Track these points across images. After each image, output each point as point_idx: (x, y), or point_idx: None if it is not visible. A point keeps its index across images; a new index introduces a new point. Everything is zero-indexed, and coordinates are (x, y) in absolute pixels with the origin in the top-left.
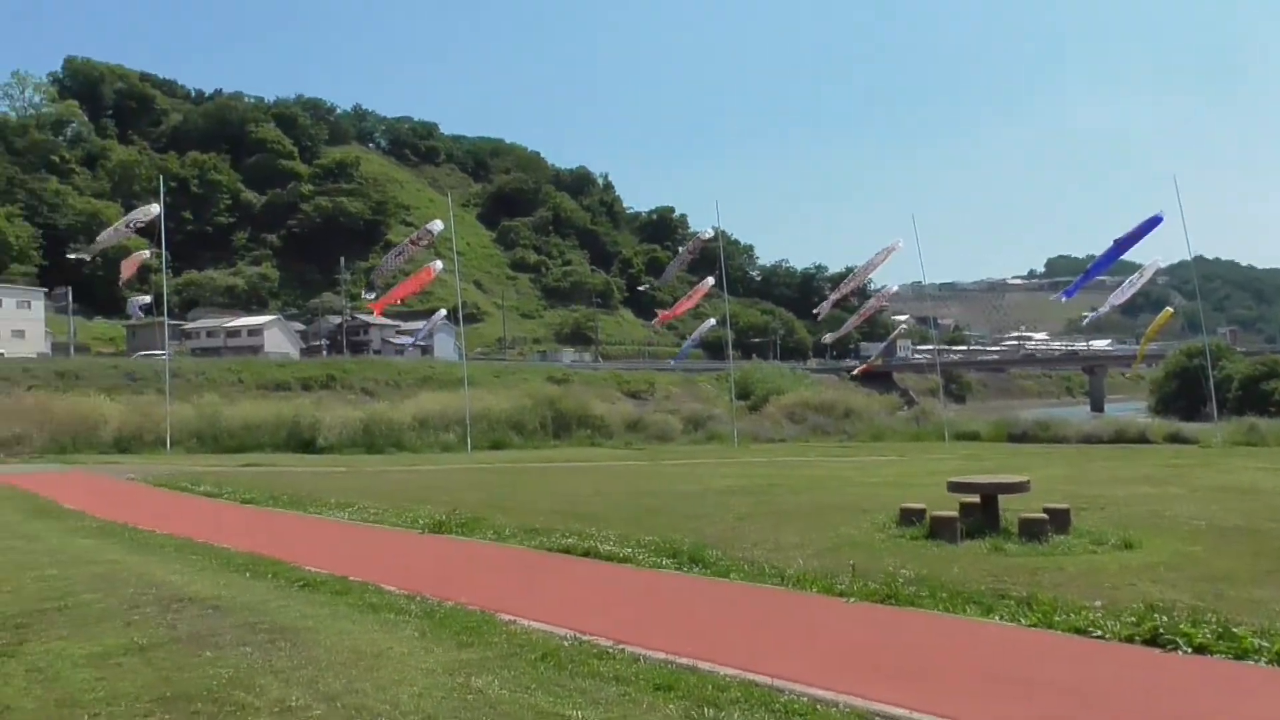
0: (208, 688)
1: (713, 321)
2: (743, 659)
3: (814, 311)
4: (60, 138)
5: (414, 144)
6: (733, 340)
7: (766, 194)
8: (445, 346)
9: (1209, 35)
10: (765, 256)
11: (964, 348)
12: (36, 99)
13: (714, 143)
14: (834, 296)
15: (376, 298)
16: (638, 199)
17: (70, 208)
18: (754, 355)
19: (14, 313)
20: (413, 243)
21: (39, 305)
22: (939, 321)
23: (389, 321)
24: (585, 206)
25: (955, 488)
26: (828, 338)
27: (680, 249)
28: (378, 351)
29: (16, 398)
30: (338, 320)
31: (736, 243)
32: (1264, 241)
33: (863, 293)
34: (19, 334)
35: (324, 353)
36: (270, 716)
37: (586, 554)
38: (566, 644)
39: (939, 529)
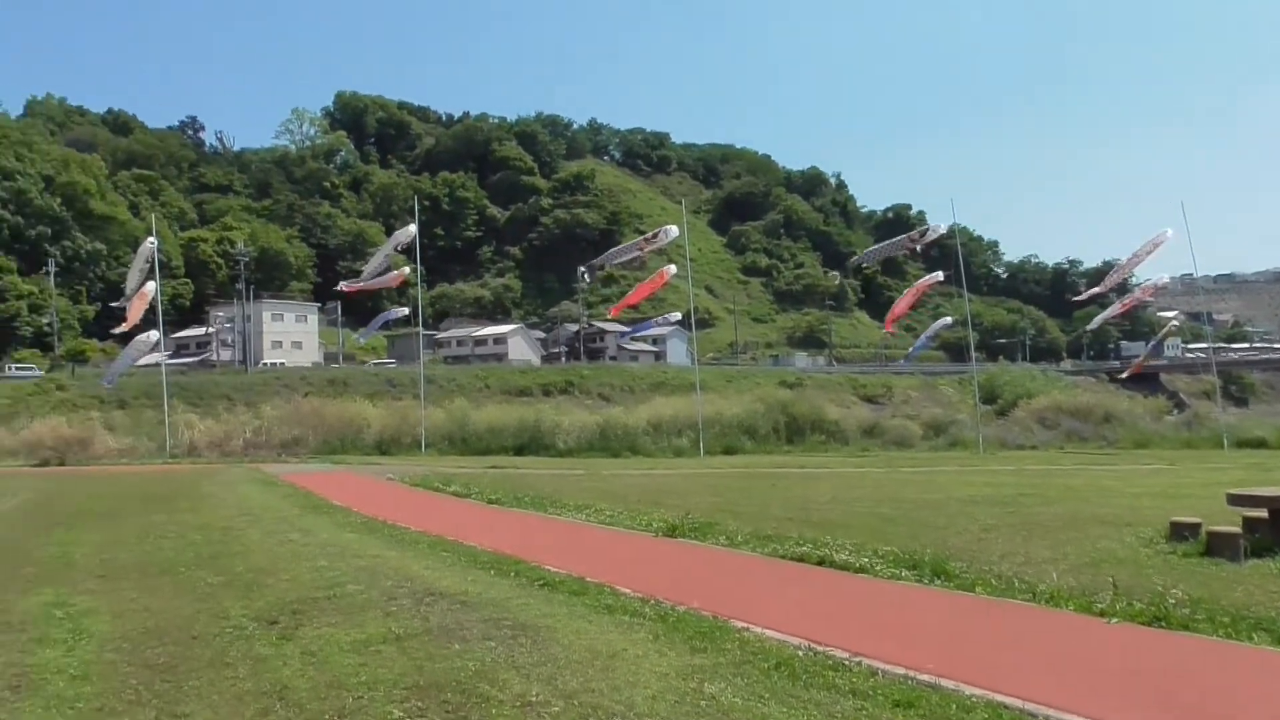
0: (456, 679)
1: (949, 320)
2: (989, 679)
3: (1075, 299)
4: (331, 165)
5: (646, 154)
6: (976, 341)
7: (1012, 186)
8: (678, 352)
9: None
10: (1011, 252)
11: (1245, 345)
12: (312, 131)
13: (953, 135)
14: (1095, 290)
15: (586, 278)
16: (872, 197)
17: (339, 229)
18: (1000, 357)
19: (293, 326)
20: (646, 241)
21: (313, 319)
22: (1214, 317)
23: (624, 328)
24: (817, 207)
25: (1238, 500)
26: (1095, 322)
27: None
28: (613, 358)
29: (295, 404)
30: (575, 328)
31: (979, 238)
32: None
33: (1123, 288)
34: (297, 345)
35: (563, 359)
36: (512, 710)
37: (821, 562)
38: (801, 654)
39: (1217, 546)
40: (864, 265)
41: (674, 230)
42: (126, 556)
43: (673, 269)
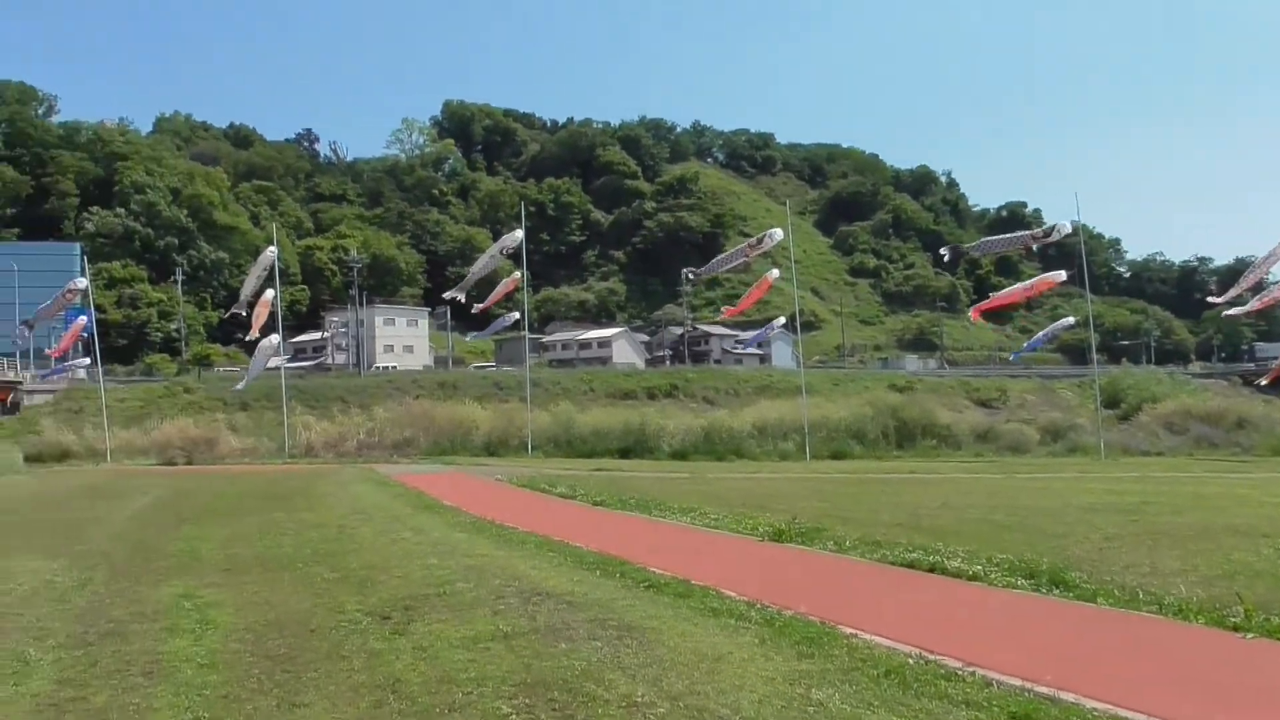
0: (563, 678)
1: (1070, 320)
2: (1112, 693)
3: (1209, 300)
4: (439, 173)
5: (750, 155)
6: (1097, 343)
7: (1136, 180)
8: (783, 355)
9: None
10: (1135, 250)
11: None
12: (421, 140)
13: (1072, 129)
14: (1234, 293)
15: (692, 283)
16: (984, 195)
17: (448, 235)
18: (1123, 359)
19: (405, 330)
20: (750, 246)
21: (424, 323)
22: None
23: (728, 331)
24: (927, 206)
25: None
26: (1229, 309)
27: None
28: (717, 361)
29: (407, 406)
30: (680, 331)
31: (1099, 236)
32: None
33: (1259, 286)
34: (408, 349)
35: (667, 362)
36: (618, 710)
37: (932, 569)
38: (911, 662)
39: None
40: (975, 254)
41: (779, 233)
42: (248, 552)
43: (776, 273)
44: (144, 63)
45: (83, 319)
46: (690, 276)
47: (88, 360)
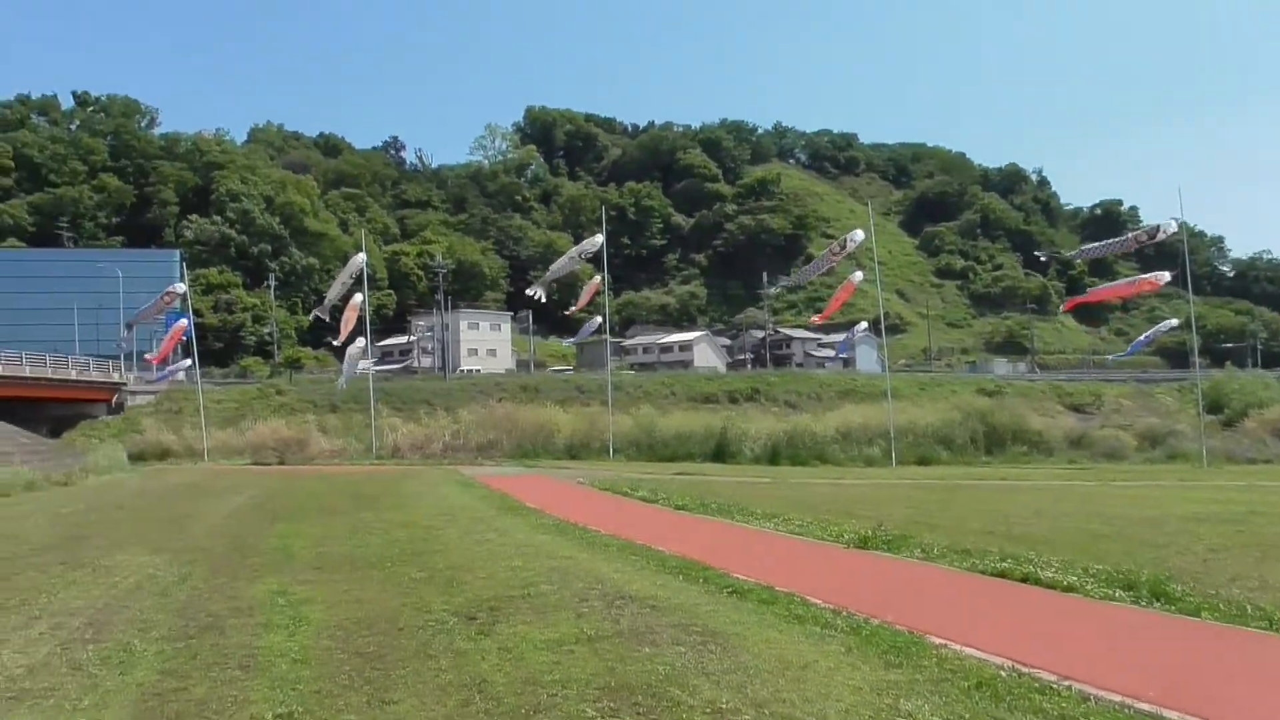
0: (647, 682)
1: (1172, 322)
2: (1219, 711)
3: None
4: (521, 179)
5: (833, 156)
6: (1198, 346)
7: (1239, 176)
8: (867, 358)
9: None
10: (1239, 249)
11: None
12: (504, 146)
13: (1171, 123)
14: None
15: (785, 297)
16: (1077, 193)
17: (530, 240)
18: (1226, 362)
19: (488, 334)
20: (832, 253)
21: (506, 327)
22: None
23: (811, 334)
24: (1017, 206)
25: None
26: None
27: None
28: (799, 364)
29: (490, 409)
30: (761, 334)
31: (1201, 234)
32: None
33: None
34: (491, 353)
35: (748, 366)
36: (703, 716)
37: (1025, 579)
38: (1004, 674)
39: None
40: (1077, 259)
41: (860, 235)
42: (338, 550)
43: (859, 275)
44: (239, 75)
45: (183, 322)
46: (775, 288)
47: (188, 362)
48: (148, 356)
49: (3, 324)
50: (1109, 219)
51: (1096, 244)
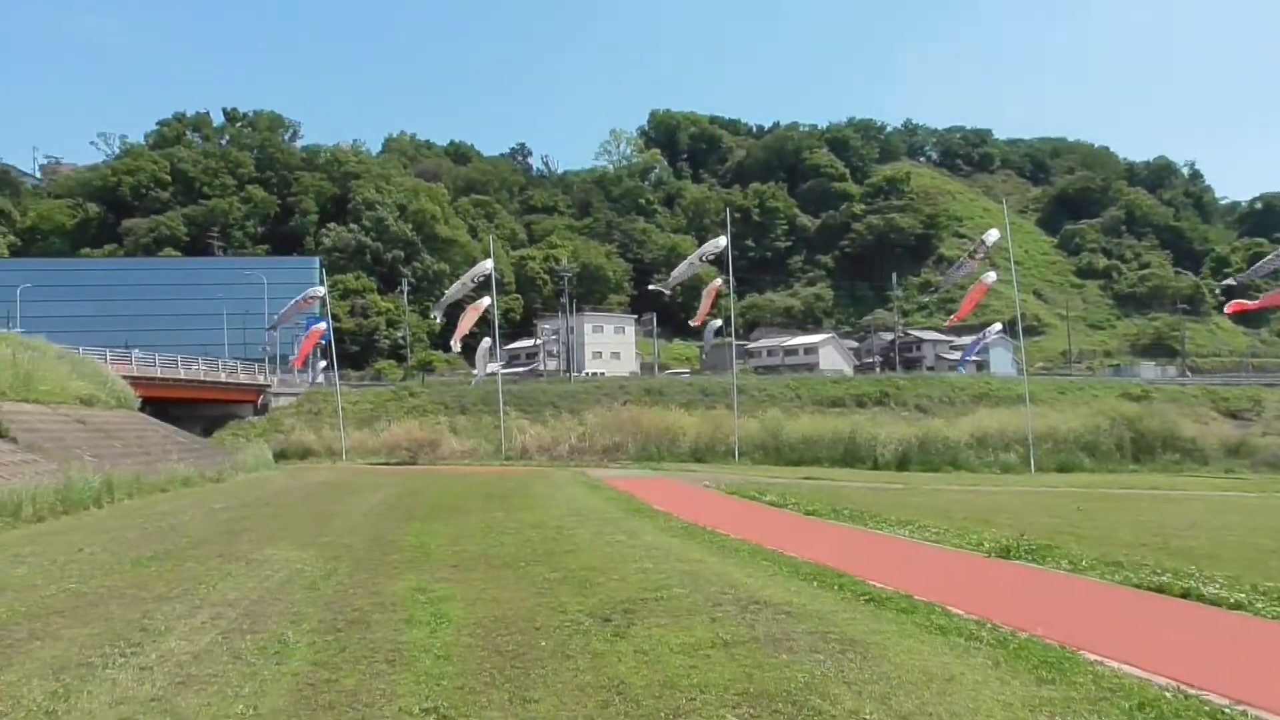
0: (785, 689)
1: None
2: None
3: None
4: (645, 182)
5: (966, 153)
6: None
7: None
8: (1001, 361)
9: None
10: None
11: None
12: (628, 151)
13: None
14: None
15: (929, 307)
16: (1234, 187)
17: (654, 243)
18: None
19: (612, 337)
20: (971, 256)
21: (630, 330)
22: None
23: (942, 337)
24: (1166, 201)
25: None
26: None
27: None
28: (930, 368)
29: (615, 411)
30: (890, 337)
31: None
32: None
33: None
34: (615, 356)
35: (876, 369)
36: None
37: (1185, 595)
38: (1169, 695)
39: None
40: (1252, 279)
41: (994, 234)
42: (473, 549)
43: (993, 276)
44: (375, 88)
45: (321, 325)
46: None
47: (324, 364)
48: (290, 360)
49: (162, 329)
50: (1270, 213)
51: (1268, 259)
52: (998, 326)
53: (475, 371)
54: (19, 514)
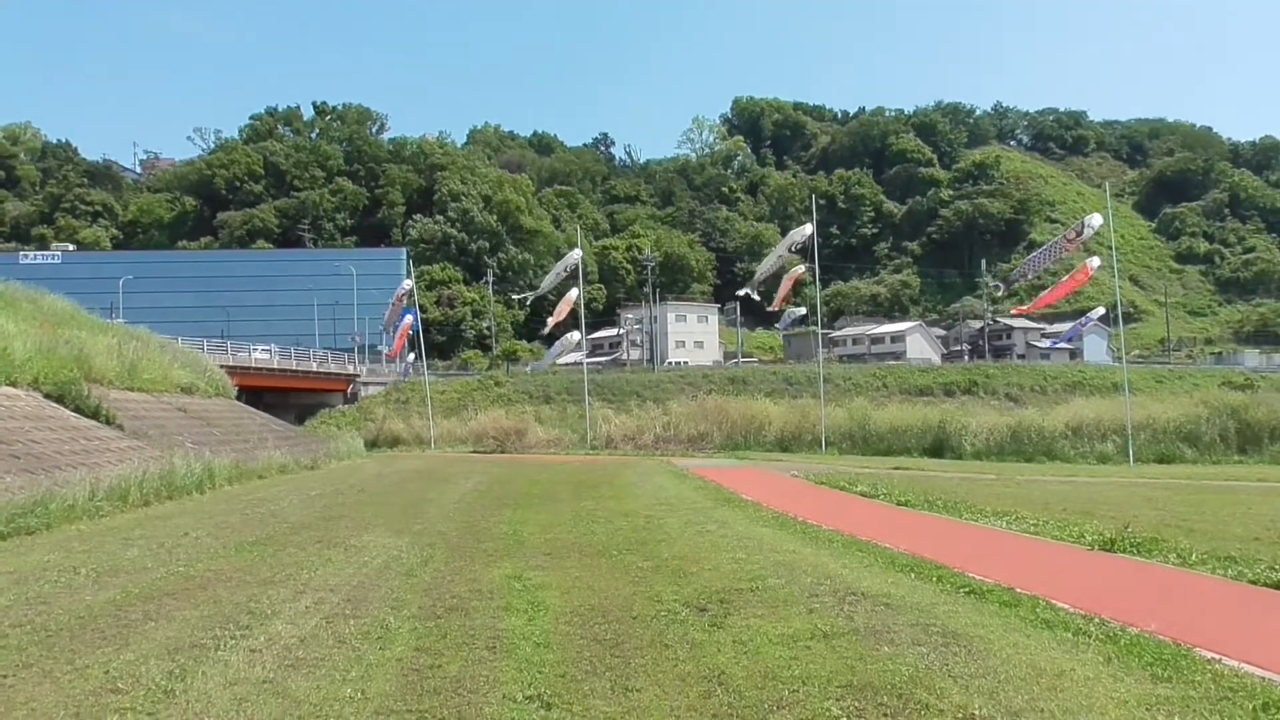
0: (889, 682)
1: None
2: None
3: None
4: (728, 170)
5: (1059, 136)
6: None
7: None
8: (1096, 349)
9: None
10: None
11: None
12: (710, 139)
13: None
14: None
15: (1008, 298)
16: None
17: (737, 232)
18: None
19: (695, 326)
20: (1066, 240)
21: (713, 320)
22: None
23: (1033, 324)
24: (1273, 183)
25: None
26: None
27: None
28: (1021, 356)
29: (699, 401)
30: (979, 324)
31: None
32: None
33: None
34: (699, 345)
35: (965, 357)
36: None
37: None
38: None
39: None
40: None
41: (1097, 220)
42: (566, 537)
43: (1096, 261)
44: (460, 80)
45: (409, 318)
46: (998, 286)
47: (411, 354)
48: (383, 351)
49: (256, 319)
50: None
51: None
52: (1100, 311)
53: (547, 355)
54: (127, 498)
